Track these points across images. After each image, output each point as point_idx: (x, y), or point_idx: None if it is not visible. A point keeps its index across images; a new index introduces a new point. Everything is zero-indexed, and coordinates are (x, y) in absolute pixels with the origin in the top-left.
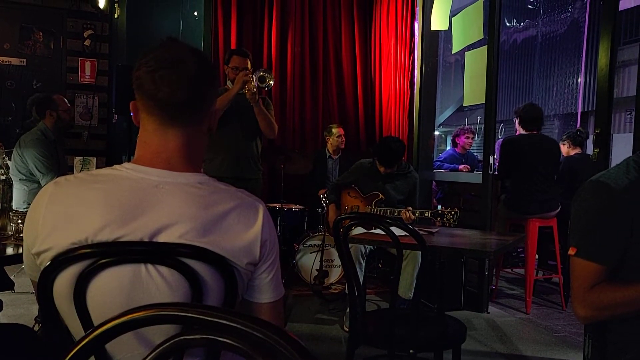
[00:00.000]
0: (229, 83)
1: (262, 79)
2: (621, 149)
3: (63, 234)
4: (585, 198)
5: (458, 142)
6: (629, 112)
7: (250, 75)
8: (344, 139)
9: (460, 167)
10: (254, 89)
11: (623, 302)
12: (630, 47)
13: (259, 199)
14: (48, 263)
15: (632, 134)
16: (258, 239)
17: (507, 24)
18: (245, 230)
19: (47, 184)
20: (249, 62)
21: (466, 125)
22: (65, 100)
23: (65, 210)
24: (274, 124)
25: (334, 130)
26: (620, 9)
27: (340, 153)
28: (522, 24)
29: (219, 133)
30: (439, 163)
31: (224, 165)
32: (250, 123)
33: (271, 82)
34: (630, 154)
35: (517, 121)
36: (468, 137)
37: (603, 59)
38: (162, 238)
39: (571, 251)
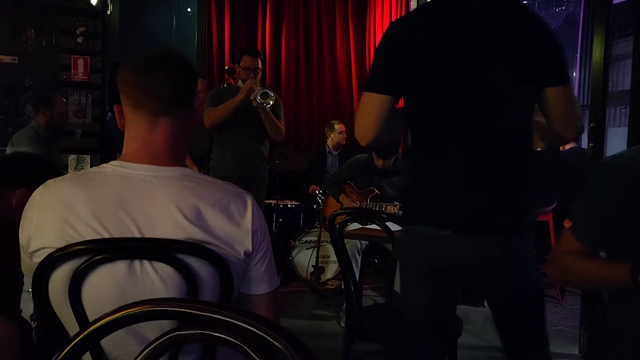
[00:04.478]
0: (240, 82)
1: (264, 95)
2: (616, 142)
3: (56, 234)
4: (593, 176)
5: None
6: (624, 107)
7: (257, 87)
8: (345, 134)
9: None
10: (254, 103)
11: (592, 278)
12: (625, 40)
13: (246, 191)
14: (42, 259)
15: (627, 128)
16: (249, 229)
17: None
18: (235, 221)
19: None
20: (260, 62)
21: None
22: (64, 102)
23: (57, 211)
24: (280, 128)
25: (336, 126)
26: (614, 2)
27: (340, 149)
28: None
29: (227, 133)
30: None
31: (230, 165)
32: (258, 124)
33: (271, 102)
34: (625, 148)
35: None
36: None
37: (597, 53)
38: (153, 232)
39: (566, 223)
